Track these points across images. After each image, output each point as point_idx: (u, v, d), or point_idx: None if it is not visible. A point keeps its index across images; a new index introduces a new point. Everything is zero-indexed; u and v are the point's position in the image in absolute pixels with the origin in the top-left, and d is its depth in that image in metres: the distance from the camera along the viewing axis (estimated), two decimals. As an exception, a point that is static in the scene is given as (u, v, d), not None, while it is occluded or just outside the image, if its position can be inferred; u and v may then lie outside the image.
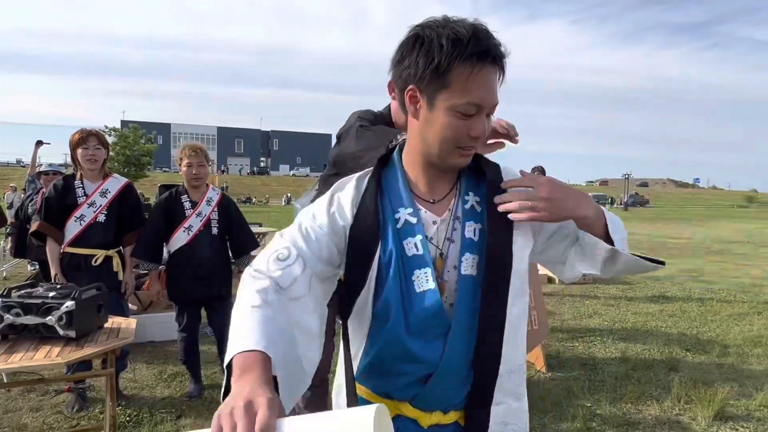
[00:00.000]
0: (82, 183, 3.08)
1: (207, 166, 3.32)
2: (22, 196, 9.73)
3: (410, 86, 0.94)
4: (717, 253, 12.41)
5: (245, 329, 0.78)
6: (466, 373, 0.96)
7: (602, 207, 0.99)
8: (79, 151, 3.02)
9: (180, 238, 3.18)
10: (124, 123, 42.21)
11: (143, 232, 3.23)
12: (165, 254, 3.35)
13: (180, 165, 3.29)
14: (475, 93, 0.90)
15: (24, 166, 46.85)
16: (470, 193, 1.02)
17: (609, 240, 0.95)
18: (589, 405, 3.31)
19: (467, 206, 1.01)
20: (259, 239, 8.27)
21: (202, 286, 3.19)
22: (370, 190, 1.00)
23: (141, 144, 32.92)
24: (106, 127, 31.95)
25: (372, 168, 1.06)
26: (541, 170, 6.25)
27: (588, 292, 7.08)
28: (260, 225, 9.72)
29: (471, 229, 0.99)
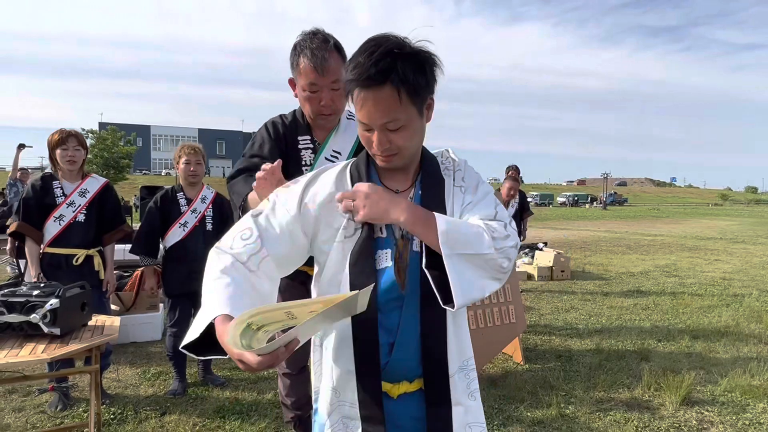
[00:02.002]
0: (60, 183, 3.09)
1: (203, 164, 3.43)
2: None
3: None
4: (690, 250, 12.77)
5: (215, 297, 0.95)
6: (418, 341, 1.10)
7: (443, 219, 1.03)
8: (58, 151, 3.04)
9: (176, 234, 3.30)
10: (102, 125, 41.44)
11: (140, 228, 3.35)
12: (161, 250, 3.45)
13: (177, 163, 3.40)
14: (361, 114, 1.04)
15: (4, 171, 45.66)
16: None
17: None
18: (563, 394, 3.44)
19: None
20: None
21: (196, 281, 3.26)
22: (354, 180, 1.14)
23: (120, 146, 32.42)
24: (83, 129, 31.39)
25: (348, 162, 1.19)
26: (515, 169, 6.37)
27: (566, 288, 7.26)
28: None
29: None
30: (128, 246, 5.70)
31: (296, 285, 2.03)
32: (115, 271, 4.95)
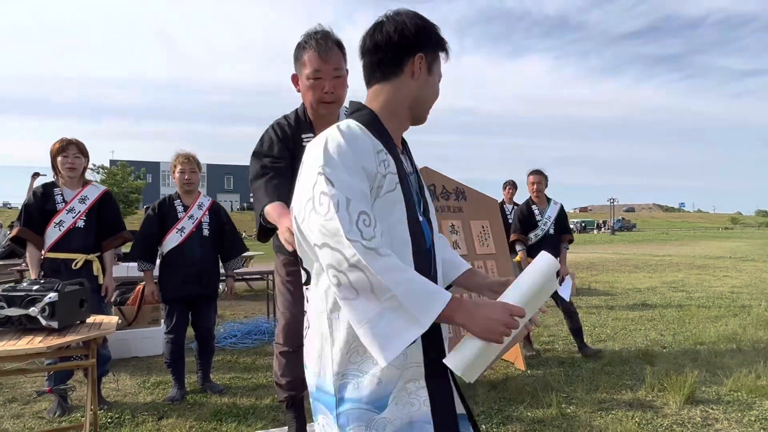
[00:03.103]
0: (61, 190, 3.19)
1: (198, 173, 3.52)
2: (7, 233, 9.77)
3: (419, 54, 1.20)
4: (699, 268, 12.62)
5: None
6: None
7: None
8: (59, 159, 3.15)
9: (173, 239, 3.37)
10: (112, 162, 42.31)
11: (138, 234, 3.42)
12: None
13: (173, 172, 3.48)
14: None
15: (11, 208, 46.48)
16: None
17: None
18: (564, 395, 3.39)
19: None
20: (245, 264, 8.34)
21: (193, 284, 3.36)
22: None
23: (130, 181, 32.96)
24: (94, 165, 32.03)
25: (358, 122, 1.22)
26: (512, 184, 6.14)
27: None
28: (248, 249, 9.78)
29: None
30: (131, 264, 5.80)
31: (298, 266, 2.06)
32: (116, 289, 5.03)
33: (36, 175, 6.36)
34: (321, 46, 1.75)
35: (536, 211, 4.66)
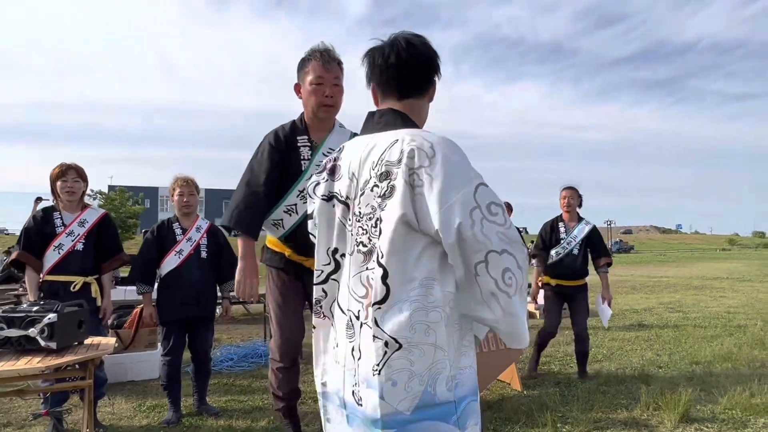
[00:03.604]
0: (60, 214, 3.25)
1: (196, 195, 3.58)
2: (4, 258, 9.77)
3: (436, 78, 1.34)
4: (696, 288, 12.64)
5: None
6: None
7: None
8: (59, 183, 3.22)
9: (171, 261, 3.40)
10: (111, 187, 42.47)
11: (136, 257, 3.45)
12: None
13: (172, 195, 3.54)
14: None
15: (7, 234, 46.39)
16: None
17: None
18: (560, 415, 3.40)
19: None
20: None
21: (191, 306, 3.38)
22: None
23: (128, 206, 33.04)
24: (92, 191, 32.14)
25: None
26: (507, 207, 6.29)
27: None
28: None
29: None
30: (129, 288, 5.81)
31: (291, 280, 2.11)
32: (114, 312, 5.03)
33: (38, 199, 6.41)
34: (324, 57, 1.99)
35: (561, 228, 4.51)
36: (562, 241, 4.46)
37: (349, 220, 1.24)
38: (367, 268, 1.17)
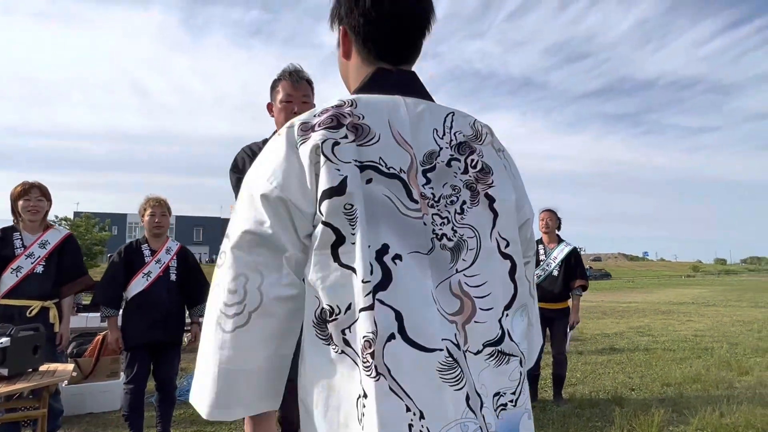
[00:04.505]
0: (21, 234, 3.10)
1: (168, 216, 3.47)
2: None
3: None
4: (664, 313, 12.92)
5: None
6: None
7: None
8: (21, 202, 3.08)
9: (138, 284, 3.26)
10: (76, 214, 41.19)
11: (103, 278, 3.30)
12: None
13: (143, 216, 3.43)
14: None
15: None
16: None
17: None
18: (536, 439, 3.36)
19: None
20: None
21: (158, 330, 3.22)
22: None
23: (94, 233, 32.03)
24: (56, 218, 31.08)
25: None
26: None
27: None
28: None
29: None
30: (91, 315, 5.57)
31: None
32: (74, 340, 4.79)
33: None
34: (293, 77, 2.08)
35: (541, 250, 4.48)
36: (541, 263, 4.45)
37: (413, 202, 0.83)
38: (457, 270, 0.84)
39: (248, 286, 0.81)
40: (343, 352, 0.78)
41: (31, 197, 3.09)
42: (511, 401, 0.83)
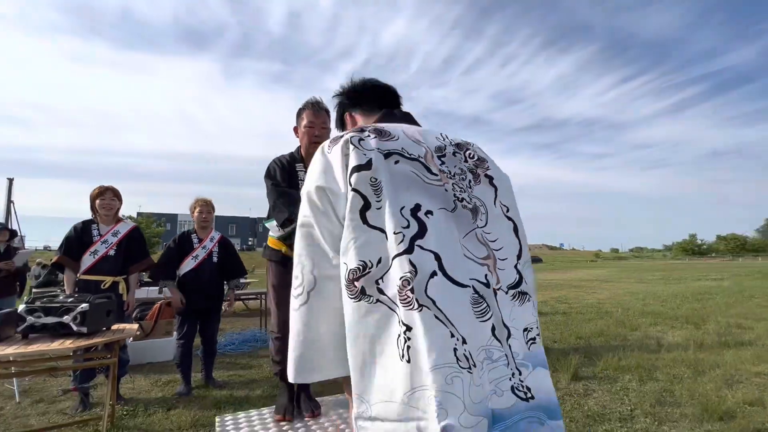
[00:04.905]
0: (98, 226, 3.01)
1: (212, 213, 3.42)
2: (40, 270, 8.86)
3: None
4: (575, 287, 13.11)
5: None
6: None
7: None
8: (98, 201, 2.99)
9: (188, 264, 3.23)
10: (139, 213, 40.24)
11: (160, 259, 3.26)
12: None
13: (193, 212, 3.38)
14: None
15: (50, 250, 42.87)
16: None
17: None
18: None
19: None
20: (243, 287, 7.99)
21: (203, 299, 3.18)
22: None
23: (152, 228, 31.34)
24: (123, 216, 30.26)
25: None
26: None
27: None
28: (247, 273, 9.51)
29: None
30: (151, 288, 5.42)
31: (288, 272, 1.98)
32: (137, 307, 4.66)
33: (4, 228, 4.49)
34: (315, 107, 1.99)
35: None
36: None
37: (433, 175, 0.80)
38: (478, 226, 0.79)
39: (304, 271, 0.78)
40: (378, 300, 0.70)
41: (106, 197, 2.99)
42: (538, 335, 0.78)
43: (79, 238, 2.93)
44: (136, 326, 2.54)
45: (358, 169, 0.76)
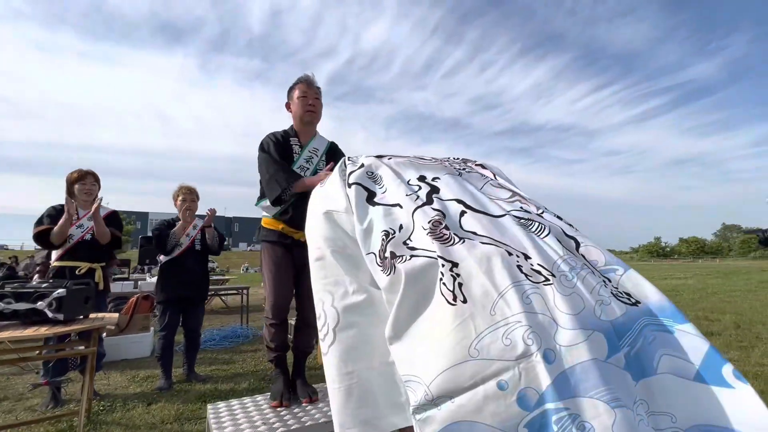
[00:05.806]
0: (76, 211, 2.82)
1: (196, 201, 3.28)
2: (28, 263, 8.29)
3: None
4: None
5: None
6: None
7: None
8: (77, 186, 2.82)
9: (172, 252, 3.06)
10: (107, 211, 38.46)
11: (144, 244, 3.09)
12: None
13: (176, 200, 3.23)
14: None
15: (7, 249, 40.26)
16: None
17: None
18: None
19: None
20: (222, 284, 7.75)
21: (185, 288, 3.05)
22: None
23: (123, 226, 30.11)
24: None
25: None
26: None
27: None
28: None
29: None
30: (125, 282, 5.16)
31: (284, 253, 1.91)
32: (111, 302, 4.44)
33: None
34: (308, 80, 2.02)
35: None
36: None
37: (429, 160, 0.92)
38: (489, 181, 0.87)
39: (325, 306, 0.73)
40: (412, 256, 0.65)
41: (87, 182, 2.83)
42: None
43: (55, 220, 2.74)
44: (116, 315, 2.40)
45: (353, 171, 0.82)
